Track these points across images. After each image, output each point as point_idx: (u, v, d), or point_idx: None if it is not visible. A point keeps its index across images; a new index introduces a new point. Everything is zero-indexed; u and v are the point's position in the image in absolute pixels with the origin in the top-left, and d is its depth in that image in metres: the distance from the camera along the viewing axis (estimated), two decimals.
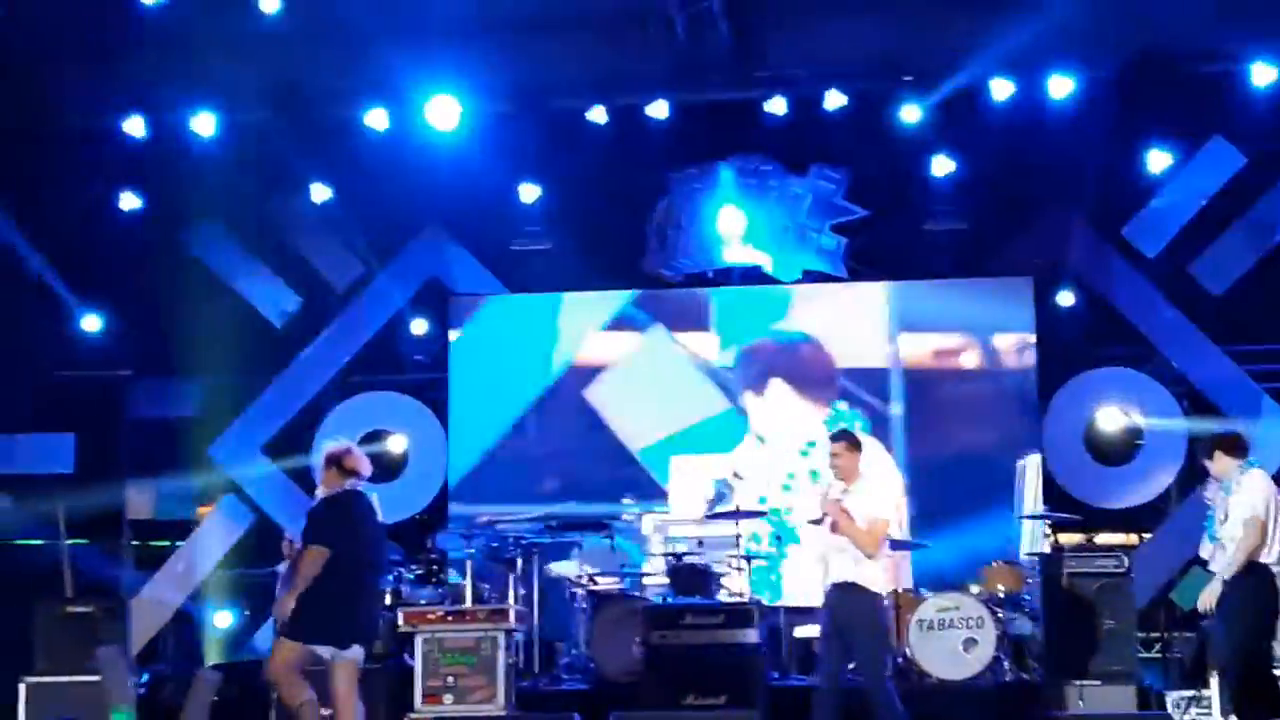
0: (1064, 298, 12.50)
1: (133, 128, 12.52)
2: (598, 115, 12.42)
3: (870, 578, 8.62)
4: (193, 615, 12.55)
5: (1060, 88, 11.90)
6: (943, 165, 12.38)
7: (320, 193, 12.76)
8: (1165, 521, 12.22)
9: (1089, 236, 12.47)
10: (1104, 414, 12.49)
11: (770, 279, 12.91)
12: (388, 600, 10.50)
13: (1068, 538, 11.32)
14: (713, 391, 12.82)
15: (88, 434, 12.79)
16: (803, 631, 10.93)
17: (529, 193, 12.87)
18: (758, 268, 12.93)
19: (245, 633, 12.55)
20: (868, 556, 8.57)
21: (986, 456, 12.31)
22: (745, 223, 12.91)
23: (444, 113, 12.23)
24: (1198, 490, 9.63)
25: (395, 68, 12.00)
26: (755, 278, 12.93)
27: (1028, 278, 12.53)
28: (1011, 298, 12.55)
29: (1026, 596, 10.55)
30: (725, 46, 12.11)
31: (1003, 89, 11.98)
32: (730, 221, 12.90)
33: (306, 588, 8.34)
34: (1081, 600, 10.13)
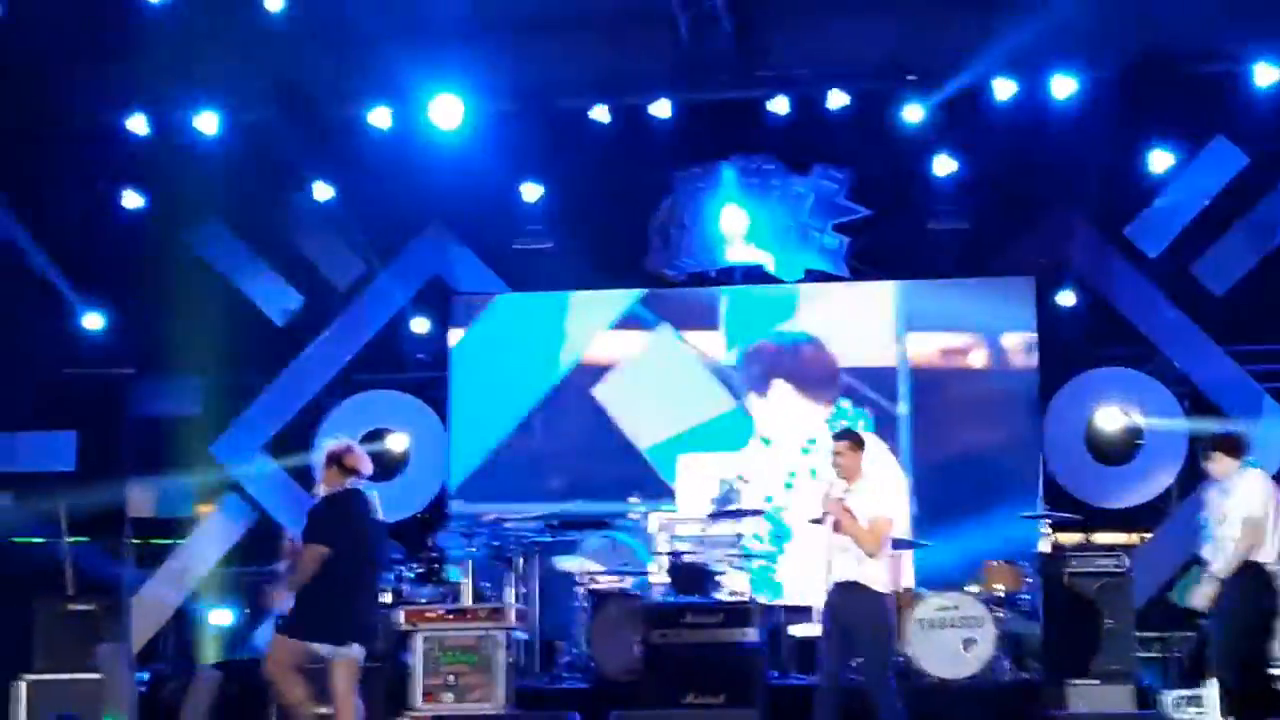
0: (1065, 297, 12.49)
1: (136, 126, 12.53)
2: (600, 114, 12.41)
3: (873, 577, 8.60)
4: (193, 614, 12.56)
5: (1062, 88, 11.88)
6: (945, 165, 12.37)
7: (323, 191, 12.77)
8: (1165, 521, 12.22)
9: (1091, 236, 12.46)
10: (1104, 414, 12.48)
11: (773, 279, 12.91)
12: (388, 599, 10.52)
13: (1067, 537, 11.32)
14: (720, 391, 12.82)
15: (89, 432, 12.80)
16: (801, 630, 10.93)
17: (531, 192, 12.88)
18: (760, 267, 12.93)
19: (246, 631, 12.55)
20: (870, 556, 8.56)
21: (992, 456, 12.29)
22: (748, 222, 12.90)
23: (447, 112, 12.23)
24: (1198, 490, 9.62)
25: (398, 67, 12.00)
26: (758, 277, 12.94)
27: (1030, 277, 12.53)
28: (1013, 297, 12.54)
29: (1026, 596, 10.55)
30: (728, 46, 12.11)
31: (1005, 89, 11.96)
32: (733, 221, 12.89)
33: (306, 585, 8.35)
34: (1081, 600, 10.13)
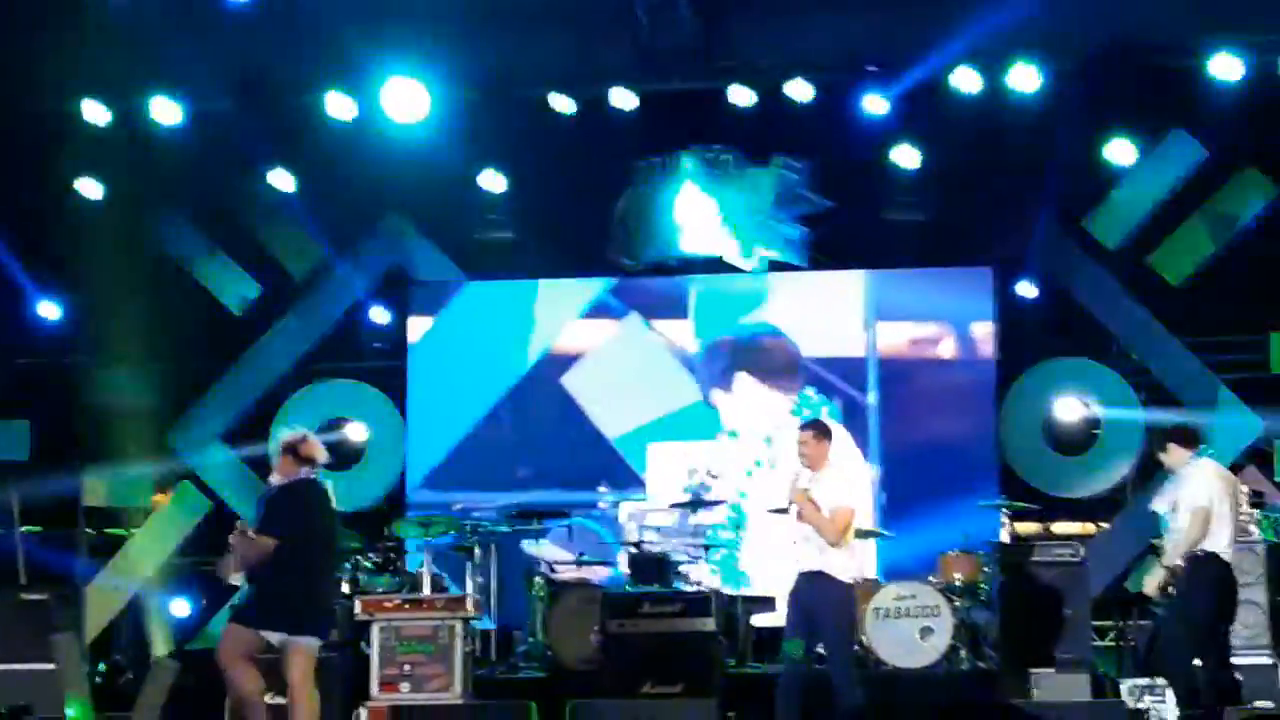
0: (1025, 288, 12.53)
1: (94, 114, 12.41)
2: (562, 104, 12.37)
3: (837, 566, 8.60)
4: (148, 603, 12.47)
5: (1023, 80, 11.89)
6: (906, 156, 12.38)
7: (282, 180, 12.69)
8: (1122, 511, 12.27)
9: (1050, 227, 12.49)
10: (1062, 404, 12.53)
11: (732, 268, 12.91)
12: (345, 588, 10.48)
13: (1025, 527, 11.35)
14: (689, 380, 12.83)
15: (43, 421, 12.71)
16: (763, 620, 10.92)
17: (492, 181, 12.83)
18: (720, 257, 12.93)
19: (201, 620, 12.49)
20: (832, 545, 8.55)
21: (955, 446, 12.32)
22: (708, 212, 12.90)
23: (408, 103, 12.16)
24: (1154, 481, 9.66)
25: (359, 55, 11.92)
26: (718, 267, 12.93)
27: (988, 268, 12.56)
28: (972, 288, 12.57)
29: (983, 585, 10.57)
30: (690, 36, 12.07)
31: (966, 80, 11.97)
32: (693, 211, 12.89)
33: (260, 574, 8.29)
34: (1038, 589, 10.16)
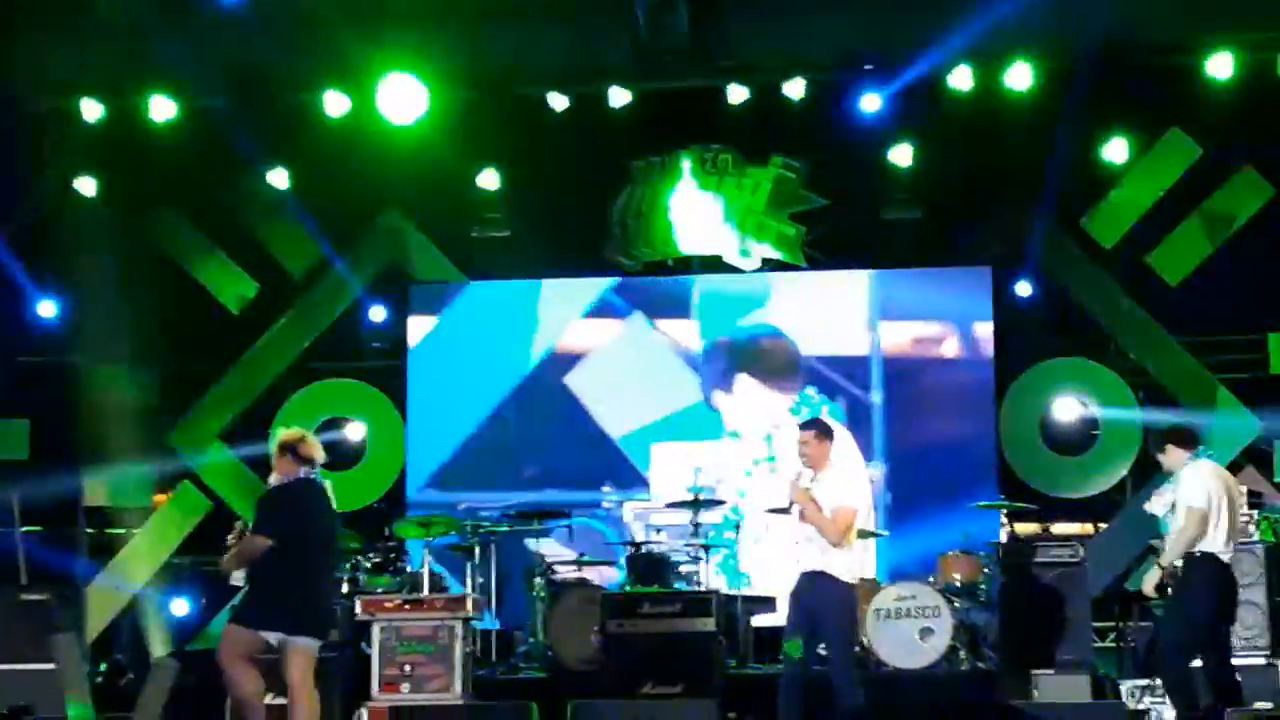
0: (1022, 288, 12.56)
1: (89, 111, 12.38)
2: (559, 102, 12.37)
3: (838, 566, 8.59)
4: (149, 603, 12.48)
5: (1020, 78, 11.91)
6: (902, 154, 12.40)
7: (279, 178, 12.68)
8: (1121, 511, 12.31)
9: (1048, 227, 12.51)
10: (1060, 404, 12.56)
11: (732, 268, 12.91)
12: (345, 588, 10.48)
13: (1024, 527, 11.38)
14: (693, 380, 12.85)
15: (43, 420, 12.70)
16: (762, 620, 10.95)
17: (489, 179, 12.84)
18: (717, 257, 12.94)
19: (202, 621, 12.49)
20: (834, 546, 8.57)
21: (955, 446, 12.36)
22: (706, 211, 12.91)
23: (404, 99, 12.14)
24: (1154, 481, 9.69)
25: (356, 53, 11.90)
26: (716, 266, 12.94)
27: (986, 268, 12.59)
28: (970, 287, 12.59)
29: (983, 586, 10.60)
30: (686, 35, 12.05)
31: (963, 79, 11.99)
32: (691, 210, 12.89)
33: (258, 575, 8.29)
34: (1037, 590, 10.20)
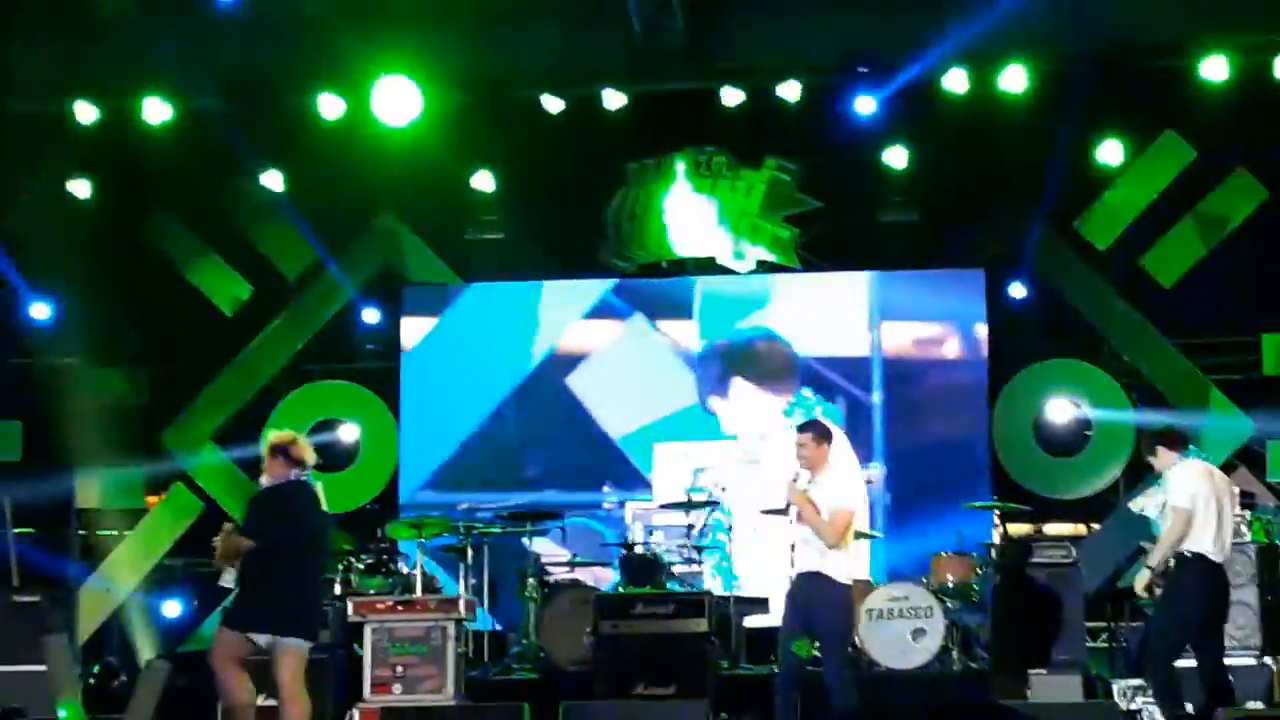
0: (1016, 289, 12.56)
1: (83, 113, 12.39)
2: (553, 105, 12.38)
3: (835, 568, 8.58)
4: (141, 605, 12.46)
5: (1014, 81, 11.93)
6: (897, 157, 12.41)
7: (273, 180, 12.68)
8: (1113, 512, 12.30)
9: (1042, 229, 12.52)
10: (1054, 405, 12.56)
11: (727, 270, 12.92)
12: (337, 590, 10.47)
13: (1017, 528, 11.38)
14: (693, 380, 12.84)
15: (35, 422, 12.69)
16: (755, 621, 10.93)
17: (483, 181, 12.84)
18: (712, 259, 12.95)
19: (194, 622, 12.48)
20: (831, 548, 8.56)
21: (952, 446, 12.35)
22: (700, 213, 12.92)
23: (399, 101, 12.15)
24: (1147, 483, 9.70)
25: (350, 56, 11.92)
26: (710, 268, 12.95)
27: (980, 270, 12.59)
28: (964, 289, 12.60)
29: (976, 587, 10.59)
30: (681, 37, 12.08)
31: (957, 81, 12.00)
32: (685, 212, 12.90)
33: (249, 577, 8.27)
34: (1030, 590, 10.19)
